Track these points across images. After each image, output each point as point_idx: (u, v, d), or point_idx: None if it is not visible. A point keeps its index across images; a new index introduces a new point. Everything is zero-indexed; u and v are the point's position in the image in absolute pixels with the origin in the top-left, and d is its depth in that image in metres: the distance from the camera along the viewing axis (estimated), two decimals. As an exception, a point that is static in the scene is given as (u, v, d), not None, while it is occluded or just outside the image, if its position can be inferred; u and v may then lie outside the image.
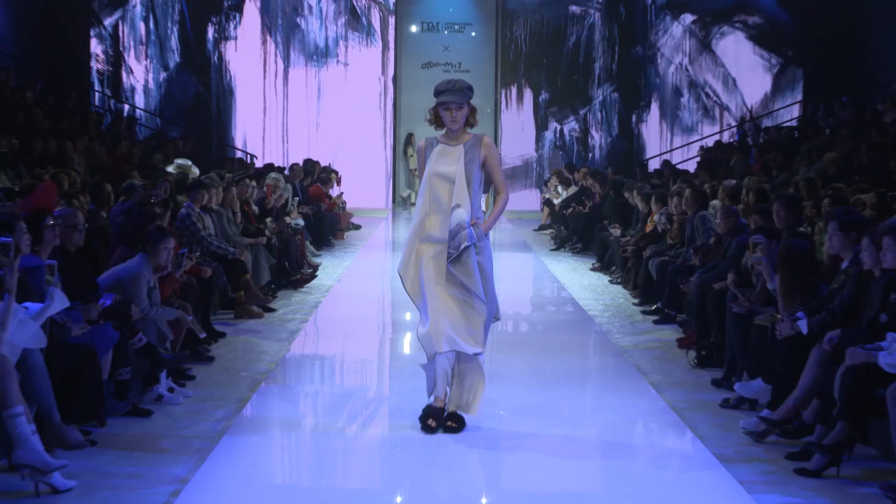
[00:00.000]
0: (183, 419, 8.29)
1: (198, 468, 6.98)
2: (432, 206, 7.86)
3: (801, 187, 13.03)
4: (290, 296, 14.54)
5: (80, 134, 18.32)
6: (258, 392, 9.15)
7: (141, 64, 28.62)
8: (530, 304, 15.46)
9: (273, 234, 15.10)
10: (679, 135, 28.97)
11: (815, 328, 7.90)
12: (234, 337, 11.60)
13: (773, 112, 28.59)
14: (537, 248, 20.96)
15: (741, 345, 9.18)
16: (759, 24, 28.86)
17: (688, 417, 8.50)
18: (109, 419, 8.01)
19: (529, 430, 8.18)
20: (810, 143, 19.15)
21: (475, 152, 7.86)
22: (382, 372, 10.87)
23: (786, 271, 8.51)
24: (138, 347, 8.56)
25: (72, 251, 8.67)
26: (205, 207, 12.92)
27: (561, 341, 11.90)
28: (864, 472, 7.18)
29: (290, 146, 28.83)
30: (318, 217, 19.95)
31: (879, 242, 7.43)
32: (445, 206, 7.80)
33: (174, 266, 9.65)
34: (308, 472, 7.41)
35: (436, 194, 7.85)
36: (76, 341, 7.60)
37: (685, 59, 29.12)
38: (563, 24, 29.15)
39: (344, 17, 29.01)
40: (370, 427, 8.59)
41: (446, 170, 7.83)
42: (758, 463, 7.36)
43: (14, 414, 6.36)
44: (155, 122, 28.31)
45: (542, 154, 29.30)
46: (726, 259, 10.87)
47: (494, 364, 11.20)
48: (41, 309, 7.09)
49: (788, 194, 11.16)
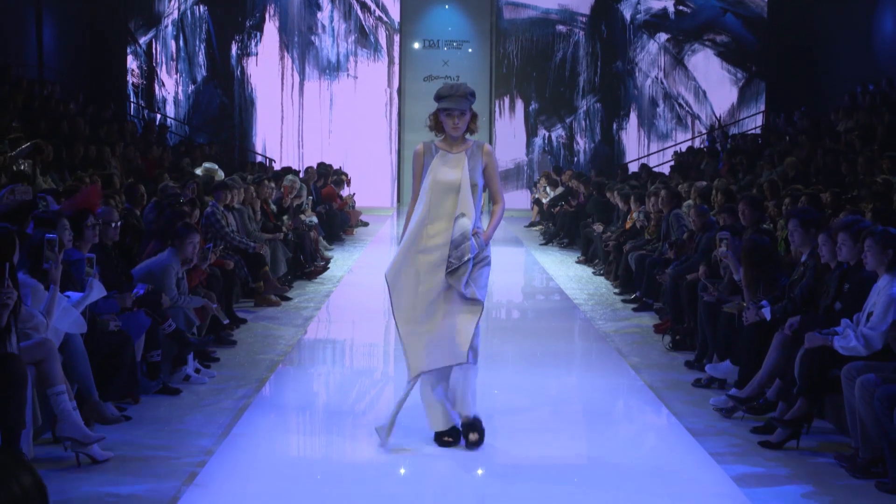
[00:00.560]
0: (208, 397, 8.27)
1: (221, 441, 6.97)
2: (434, 215, 6.94)
3: (765, 188, 13.03)
4: (304, 286, 14.52)
5: (117, 140, 18.26)
6: (276, 373, 9.13)
7: (172, 77, 28.57)
8: (521, 294, 15.44)
9: (289, 231, 15.08)
10: (655, 141, 28.92)
11: (778, 315, 7.90)
12: (254, 323, 11.58)
13: (739, 121, 28.55)
14: (528, 243, 20.93)
15: (711, 330, 9.16)
16: (726, 42, 28.83)
17: (663, 395, 8.48)
18: (142, 397, 8.00)
19: (520, 406, 8.17)
20: (772, 148, 19.12)
21: (477, 160, 6.97)
22: (388, 354, 10.84)
23: (749, 264, 8.50)
24: (168, 332, 8.55)
25: (108, 245, 8.65)
26: (228, 206, 12.91)
27: (549, 327, 11.88)
28: (820, 444, 7.17)
29: (305, 151, 28.79)
30: (330, 215, 19.93)
31: (835, 238, 7.42)
32: (448, 214, 6.90)
33: (200, 259, 9.64)
34: (321, 445, 7.39)
35: (438, 202, 6.92)
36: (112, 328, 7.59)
37: (660, 73, 29.07)
38: (551, 42, 29.10)
39: (354, 35, 28.95)
40: (377, 404, 8.57)
41: (450, 178, 6.91)
42: (726, 436, 7.35)
43: (58, 392, 6.36)
44: (184, 129, 28.25)
45: (532, 158, 29.25)
46: (697, 253, 10.86)
47: (488, 348, 11.18)
48: (81, 297, 7.09)
49: (752, 195, 11.15)
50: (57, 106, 19.11)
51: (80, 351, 6.93)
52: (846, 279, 7.36)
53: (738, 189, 14.32)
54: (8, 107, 16.59)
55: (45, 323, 6.57)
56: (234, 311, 11.51)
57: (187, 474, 6.26)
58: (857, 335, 6.79)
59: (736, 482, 6.30)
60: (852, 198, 11.94)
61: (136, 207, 11.69)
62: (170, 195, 11.79)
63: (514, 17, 29.12)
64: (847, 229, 7.26)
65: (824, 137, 18.01)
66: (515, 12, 29.10)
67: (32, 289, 6.70)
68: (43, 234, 6.90)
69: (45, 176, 12.97)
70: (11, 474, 1.86)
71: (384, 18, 29.05)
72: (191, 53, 28.62)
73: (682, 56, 28.99)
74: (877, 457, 6.32)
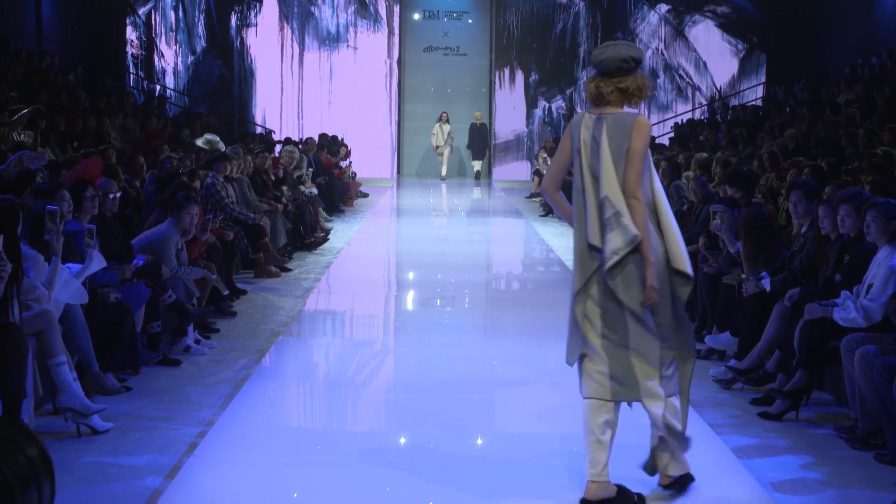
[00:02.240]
0: (208, 368, 8.27)
1: (222, 412, 6.97)
2: None
3: (765, 160, 12.98)
4: (304, 257, 14.51)
5: (117, 112, 18.23)
6: (276, 344, 9.14)
7: (171, 49, 28.48)
8: (521, 265, 15.45)
9: (289, 202, 15.06)
10: (655, 112, 28.87)
11: (777, 286, 7.89)
12: (254, 294, 11.58)
13: (740, 92, 28.51)
14: (528, 214, 20.90)
15: (711, 302, 9.16)
16: (726, 13, 28.74)
17: (662, 367, 8.47)
18: (143, 368, 8.01)
19: (521, 377, 8.18)
20: (773, 120, 19.08)
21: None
22: (388, 326, 10.86)
23: (748, 237, 8.49)
24: (168, 303, 8.54)
25: (108, 217, 8.63)
26: (227, 177, 12.89)
27: (549, 298, 11.87)
28: (819, 415, 7.17)
29: (305, 122, 28.75)
30: (329, 186, 19.90)
31: (836, 209, 7.41)
32: None
33: (200, 230, 9.64)
34: (321, 415, 7.40)
35: None
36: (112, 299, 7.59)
37: (661, 45, 28.99)
38: (552, 13, 29.01)
39: (353, 5, 28.85)
40: (377, 375, 8.58)
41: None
42: (725, 408, 7.35)
43: (58, 363, 6.36)
44: (183, 100, 28.19)
45: (532, 129, 29.21)
46: (697, 224, 10.84)
47: (489, 318, 11.21)
48: (82, 269, 7.09)
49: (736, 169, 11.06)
50: (56, 78, 19.05)
51: (80, 322, 6.93)
52: (846, 251, 7.36)
53: (737, 161, 14.28)
54: (7, 78, 16.53)
55: (48, 294, 6.57)
56: (234, 282, 11.51)
57: (188, 445, 6.27)
58: (857, 307, 6.78)
59: (735, 453, 6.31)
60: (852, 169, 11.92)
61: (136, 179, 11.66)
62: (169, 169, 11.76)
63: (514, -12, 29.02)
64: (850, 201, 7.24)
65: (824, 109, 17.96)
66: (516, -17, 29.00)
67: (34, 260, 6.69)
68: (43, 205, 6.89)
69: (44, 147, 12.93)
70: (17, 446, 1.85)
71: (384, -11, 28.95)
72: (190, 24, 28.52)
73: (683, 27, 28.91)
74: (876, 428, 6.32)
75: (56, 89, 17.81)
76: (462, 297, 12.30)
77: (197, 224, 9.45)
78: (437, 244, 17.39)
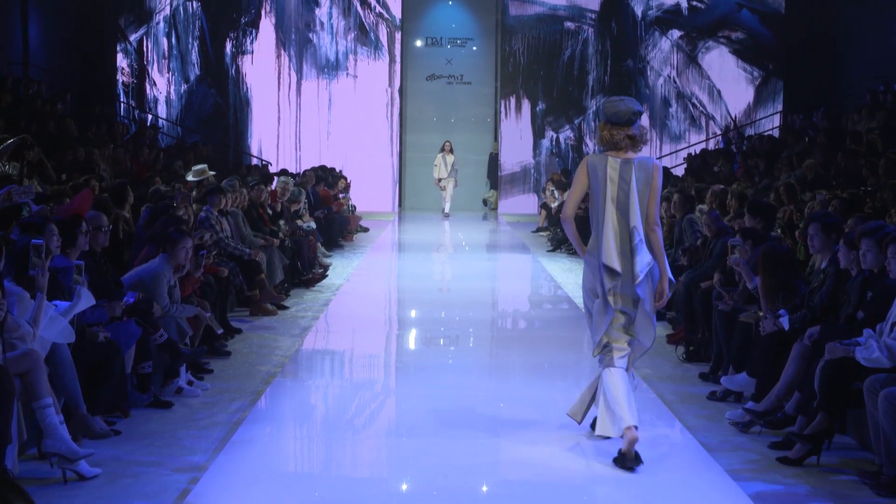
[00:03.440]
0: (201, 411, 8.26)
1: (215, 457, 6.95)
2: None
3: (782, 192, 12.99)
4: (302, 294, 14.51)
5: (107, 142, 18.27)
6: (272, 385, 9.12)
7: (163, 76, 28.58)
8: (528, 302, 15.44)
9: (286, 236, 15.08)
10: (668, 142, 28.90)
11: (797, 324, 7.88)
12: (250, 333, 11.57)
13: (756, 121, 28.54)
14: (535, 249, 20.91)
15: (727, 340, 9.14)
16: (741, 39, 28.82)
17: (677, 409, 8.47)
18: (132, 410, 7.99)
19: (528, 420, 8.14)
20: (790, 150, 19.11)
21: None
22: (389, 366, 10.84)
23: (766, 272, 8.48)
24: (160, 343, 8.54)
25: (98, 252, 8.64)
26: (222, 211, 12.91)
27: (557, 337, 11.86)
28: (842, 460, 7.15)
29: (303, 153, 28.79)
30: (328, 220, 19.92)
31: (855, 243, 7.40)
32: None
33: (194, 266, 9.64)
34: (319, 461, 7.37)
35: None
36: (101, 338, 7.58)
37: (673, 72, 29.06)
38: (559, 39, 29.09)
39: (353, 32, 28.96)
40: (377, 418, 8.56)
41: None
42: (742, 452, 7.33)
43: (44, 405, 6.35)
44: (176, 130, 28.27)
45: (539, 160, 29.22)
46: (712, 259, 10.83)
47: (495, 358, 11.19)
48: (69, 306, 7.09)
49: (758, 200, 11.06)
50: (44, 106, 19.12)
51: (67, 362, 6.92)
52: (869, 287, 7.34)
53: (754, 193, 14.30)
54: (-8, 107, 16.60)
55: (32, 332, 6.57)
56: (228, 320, 11.50)
57: (179, 492, 6.25)
58: (881, 346, 6.77)
59: (753, 500, 6.29)
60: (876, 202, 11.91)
61: (122, 208, 11.67)
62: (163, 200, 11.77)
63: (520, 14, 29.11)
64: (871, 235, 7.24)
65: (845, 138, 17.99)
66: (522, 8, 29.09)
67: (18, 297, 6.69)
68: (28, 239, 6.89)
69: (30, 179, 12.95)
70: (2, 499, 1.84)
71: (385, 15, 29.05)
72: (183, 51, 28.64)
73: (696, 54, 28.99)
74: (901, 473, 6.30)
75: (43, 118, 17.87)
76: (466, 336, 12.28)
77: (190, 259, 9.46)
78: (441, 280, 17.39)
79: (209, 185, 14.38)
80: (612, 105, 7.13)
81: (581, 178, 7.12)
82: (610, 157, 7.03)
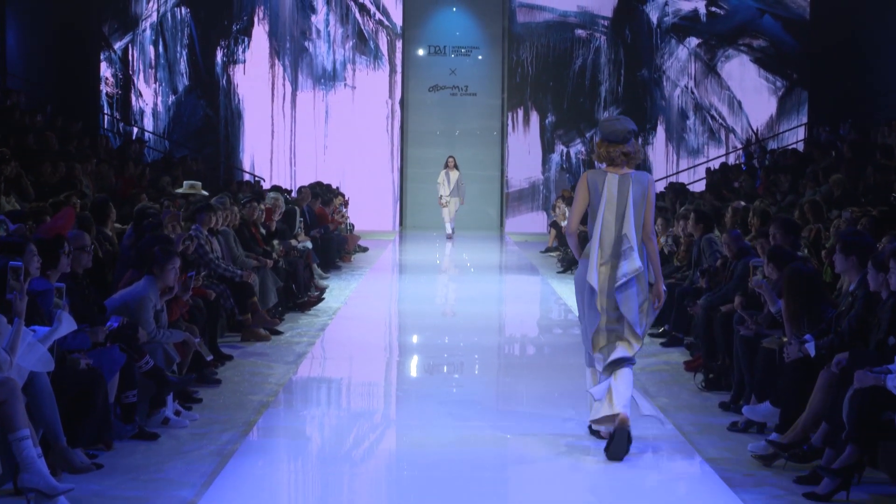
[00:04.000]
0: (189, 442, 8.24)
1: (204, 492, 6.94)
2: None
3: (806, 210, 12.96)
4: (297, 318, 14.50)
5: (89, 157, 18.30)
6: (265, 415, 9.11)
7: (150, 87, 28.67)
8: (537, 327, 15.42)
9: (280, 257, 15.07)
10: (685, 157, 28.95)
11: (823, 351, 7.85)
12: (241, 360, 11.56)
13: (779, 134, 28.59)
14: (544, 270, 20.90)
15: (749, 368, 9.12)
16: (763, 47, 28.88)
17: (695, 441, 8.44)
18: (116, 442, 7.97)
19: (536, 454, 8.12)
20: (816, 165, 19.11)
21: None
22: (389, 395, 10.82)
23: (791, 295, 8.46)
24: (145, 370, 8.52)
25: (80, 273, 8.64)
26: (212, 230, 12.90)
27: (568, 364, 11.82)
28: (873, 496, 7.13)
29: (298, 169, 28.83)
30: (325, 239, 19.91)
31: (884, 265, 7.39)
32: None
33: (182, 289, 9.63)
34: (314, 496, 7.36)
35: None
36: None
37: (691, 82, 29.12)
38: (570, 48, 29.16)
39: (352, 40, 29.05)
40: (376, 451, 8.55)
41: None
42: (766, 487, 7.31)
43: (21, 437, 6.33)
44: (163, 144, 28.34)
45: (548, 177, 29.27)
46: (733, 281, 10.82)
47: (501, 387, 11.18)
48: (49, 332, 7.07)
49: (786, 217, 11.05)
50: (22, 118, 19.16)
51: (46, 391, 6.90)
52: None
53: (777, 211, 14.29)
54: (-32, 120, 16.63)
55: (9, 360, 6.55)
56: (218, 346, 11.49)
57: (165, 529, 6.23)
58: (913, 374, 6.75)
59: (778, 538, 6.26)
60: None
61: (104, 226, 11.67)
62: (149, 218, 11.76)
63: (528, 21, 29.20)
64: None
65: (874, 152, 17.99)
66: (530, 15, 29.18)
67: (-6, 322, 6.68)
68: (6, 261, 6.88)
69: (7, 196, 12.97)
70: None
71: (385, 22, 29.14)
72: (171, 60, 28.72)
73: (715, 63, 29.06)
74: (935, 510, 6.27)
75: (22, 131, 17.89)
76: (471, 364, 12.27)
77: (178, 280, 9.45)
78: (444, 304, 17.37)
79: (197, 202, 14.37)
80: (609, 124, 8.32)
81: (582, 193, 8.14)
82: (609, 174, 8.08)
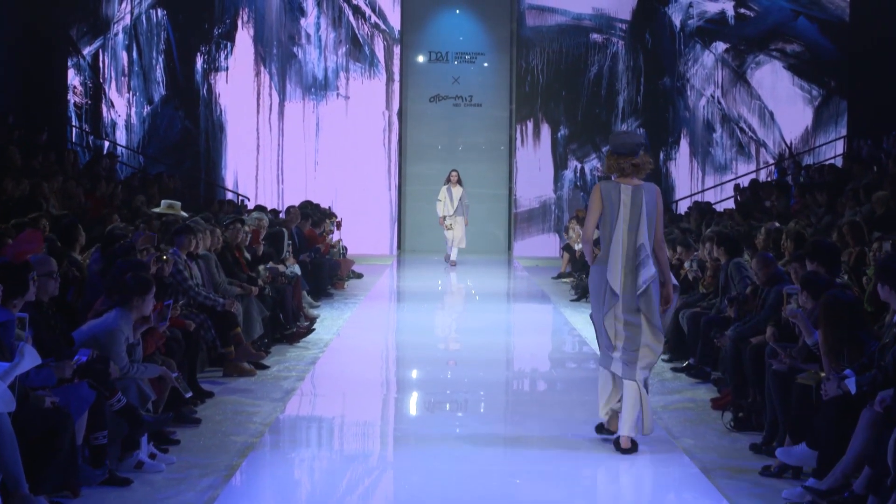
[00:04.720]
0: (166, 488, 8.24)
1: (181, 544, 6.93)
2: None
3: (846, 231, 12.93)
4: (284, 351, 14.50)
5: (56, 173, 18.33)
6: (248, 459, 9.10)
7: (123, 97, 28.70)
8: (549, 360, 15.42)
9: (266, 284, 15.06)
10: (711, 174, 28.96)
11: (865, 387, 7.84)
12: (223, 397, 11.56)
13: (815, 148, 28.60)
14: (556, 298, 20.90)
15: (782, 406, 9.11)
16: (798, 52, 28.91)
17: (724, 486, 8.43)
18: (84, 489, 7.96)
19: (549, 499, 8.11)
20: (856, 182, 19.10)
21: None
22: (386, 436, 10.81)
23: (829, 326, 8.44)
24: (117, 409, 8.51)
25: (45, 301, 8.63)
26: (191, 254, 12.90)
27: (582, 401, 11.81)
28: (920, 547, 7.10)
29: (286, 187, 28.84)
30: (315, 264, 19.90)
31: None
32: None
33: (158, 319, 9.62)
34: (304, 547, 7.35)
35: None
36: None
37: (717, 91, 29.16)
38: (584, 53, 29.21)
39: (345, 46, 29.09)
40: (372, 497, 8.54)
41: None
42: (802, 538, 7.29)
43: (-22, 483, 6.32)
44: (138, 160, 28.35)
45: (560, 195, 29.28)
46: (764, 310, 10.81)
47: (509, 426, 11.17)
48: (10, 367, 7.06)
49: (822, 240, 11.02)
50: (-18, 131, 19.20)
51: (6, 432, 6.90)
52: (949, 343, 7.32)
53: (813, 233, 14.29)
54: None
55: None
56: (198, 382, 11.49)
57: (139, 585, 6.22)
58: (964, 413, 6.74)
59: None
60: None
61: (72, 249, 11.67)
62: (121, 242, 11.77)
63: (538, 25, 29.26)
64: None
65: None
66: (541, 18, 29.24)
67: (-50, 357, 6.68)
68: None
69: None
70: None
71: (381, 26, 29.21)
72: (146, 67, 28.78)
73: (744, 70, 29.11)
74: None
75: (-18, 146, 17.94)
76: (476, 401, 12.26)
77: (154, 310, 9.44)
78: (447, 335, 17.37)
79: (175, 223, 14.38)
80: (618, 138, 9.76)
81: (597, 203, 9.47)
82: (622, 185, 9.41)
